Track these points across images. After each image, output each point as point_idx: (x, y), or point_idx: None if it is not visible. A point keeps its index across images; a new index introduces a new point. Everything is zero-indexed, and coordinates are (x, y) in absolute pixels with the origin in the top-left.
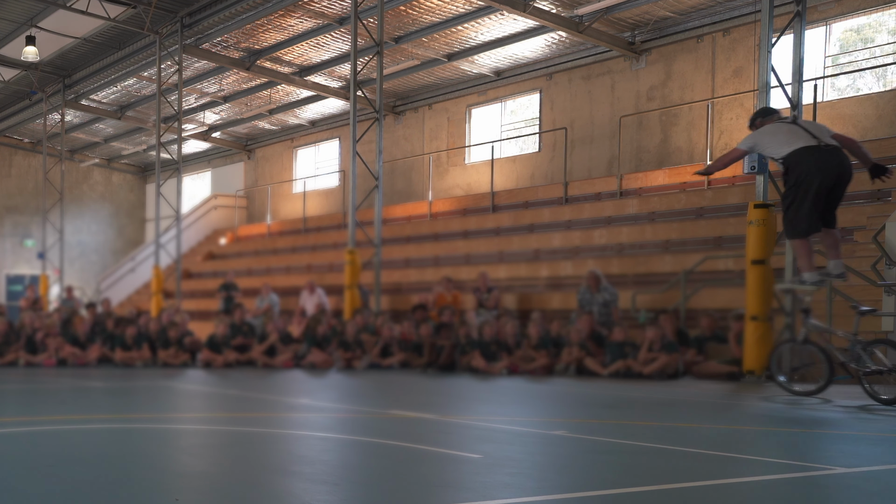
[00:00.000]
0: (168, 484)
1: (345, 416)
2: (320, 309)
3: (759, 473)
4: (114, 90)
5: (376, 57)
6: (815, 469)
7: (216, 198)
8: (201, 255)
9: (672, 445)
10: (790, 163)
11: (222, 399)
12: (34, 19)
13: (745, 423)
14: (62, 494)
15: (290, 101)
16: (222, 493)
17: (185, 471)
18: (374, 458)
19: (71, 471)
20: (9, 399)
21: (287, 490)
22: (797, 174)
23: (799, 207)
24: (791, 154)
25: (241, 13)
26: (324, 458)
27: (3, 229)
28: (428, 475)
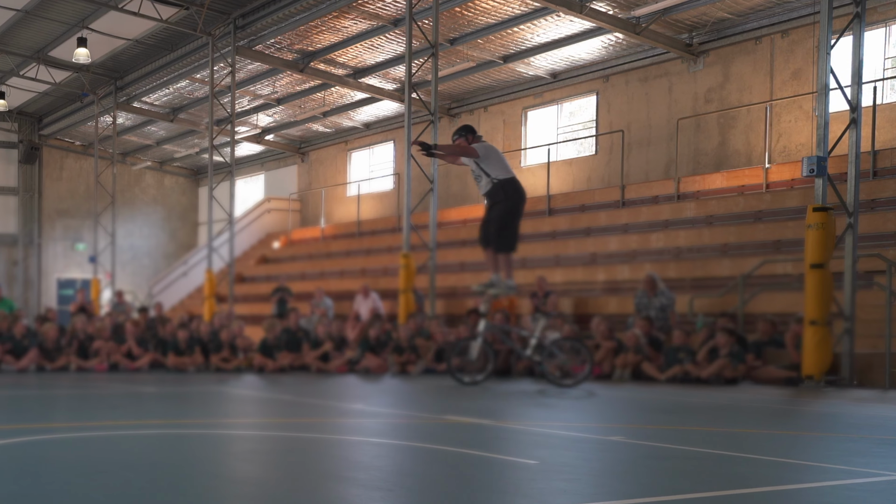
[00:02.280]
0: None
1: (399, 421)
2: (374, 313)
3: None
4: (166, 92)
5: (431, 59)
6: (876, 475)
7: (269, 201)
8: (254, 259)
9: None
10: (509, 187)
11: (275, 404)
12: (85, 21)
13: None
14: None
15: (345, 104)
16: (276, 499)
17: (238, 477)
18: (428, 464)
19: (122, 477)
20: (60, 404)
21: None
22: (516, 198)
23: (515, 226)
24: (512, 179)
25: (294, 14)
26: (378, 464)
27: (54, 233)
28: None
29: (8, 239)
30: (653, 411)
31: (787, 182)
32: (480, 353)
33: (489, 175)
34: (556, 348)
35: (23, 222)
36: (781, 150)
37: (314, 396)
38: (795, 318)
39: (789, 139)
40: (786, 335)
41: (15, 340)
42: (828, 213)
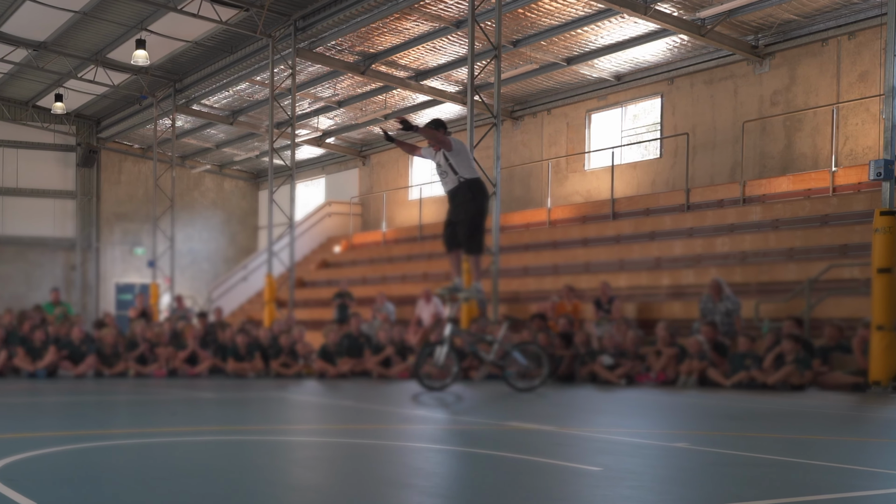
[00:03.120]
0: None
1: (461, 427)
2: (436, 318)
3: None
4: (226, 95)
5: (494, 61)
6: None
7: (330, 205)
8: (315, 264)
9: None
10: (475, 187)
11: (336, 410)
12: (144, 22)
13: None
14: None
15: (406, 106)
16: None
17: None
18: (490, 470)
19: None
20: (119, 410)
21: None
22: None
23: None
24: (478, 179)
25: (355, 16)
26: (439, 470)
27: (112, 237)
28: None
29: (66, 243)
30: (718, 418)
31: (854, 185)
32: (447, 359)
33: (456, 172)
34: (519, 353)
35: (81, 226)
36: (848, 154)
37: (375, 402)
38: (862, 323)
39: (856, 142)
40: (853, 340)
41: (73, 346)
42: (895, 217)
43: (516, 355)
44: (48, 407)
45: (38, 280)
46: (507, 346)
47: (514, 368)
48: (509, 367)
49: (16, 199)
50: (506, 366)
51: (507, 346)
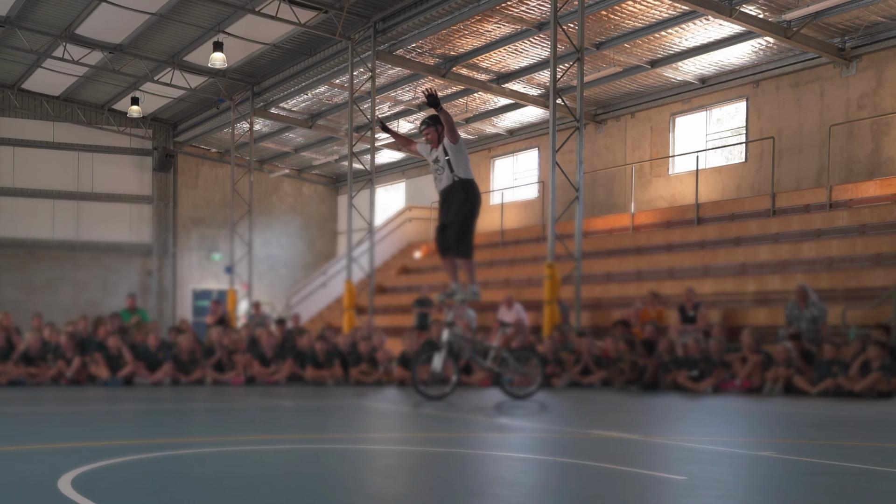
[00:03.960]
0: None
1: (544, 436)
2: (518, 325)
3: None
4: (304, 98)
5: (576, 63)
6: None
7: (411, 210)
8: (395, 269)
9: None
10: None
11: (416, 418)
12: (221, 25)
13: None
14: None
15: (487, 110)
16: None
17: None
18: (573, 479)
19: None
20: (196, 418)
21: None
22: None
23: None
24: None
25: (435, 18)
26: (522, 479)
27: (189, 242)
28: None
29: (142, 248)
30: (804, 426)
31: None
32: (445, 365)
33: (453, 170)
34: (515, 359)
35: (157, 231)
36: None
37: (456, 410)
38: None
39: None
40: None
41: (149, 353)
42: None
43: (512, 362)
44: (125, 415)
45: (113, 286)
46: (503, 353)
47: (510, 375)
48: (506, 373)
49: (91, 204)
50: (502, 372)
51: (503, 353)
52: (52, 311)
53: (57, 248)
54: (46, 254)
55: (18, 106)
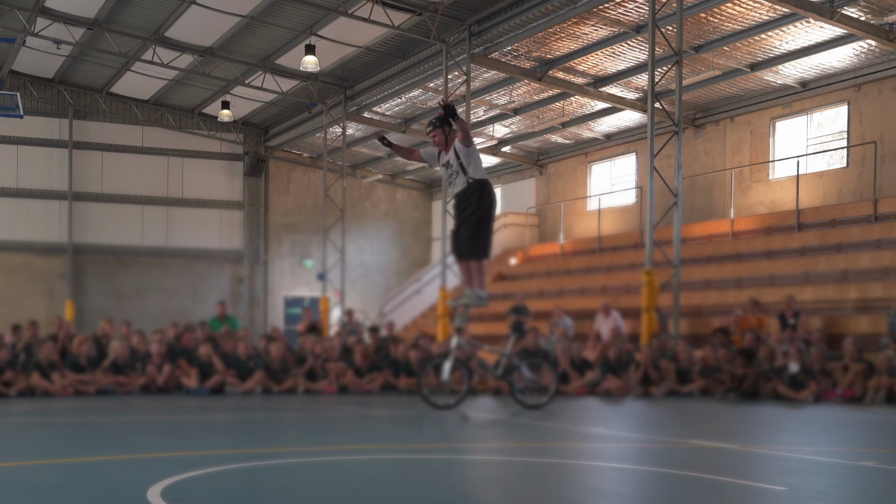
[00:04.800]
0: None
1: (642, 445)
2: (616, 333)
3: None
4: (398, 102)
5: (675, 67)
6: None
7: (506, 215)
8: (490, 276)
9: None
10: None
11: (513, 428)
12: (313, 27)
13: None
14: None
15: (584, 114)
16: None
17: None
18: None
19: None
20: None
21: None
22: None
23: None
24: (487, 182)
25: (531, 21)
26: (619, 490)
27: (281, 249)
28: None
29: (233, 255)
30: None
31: None
32: (454, 374)
33: (466, 173)
34: (526, 367)
35: (248, 238)
36: None
37: (553, 420)
38: None
39: None
40: None
41: (240, 362)
42: None
43: (524, 370)
44: (215, 424)
45: (204, 293)
46: (514, 360)
47: (521, 383)
48: (517, 382)
49: (181, 210)
50: (513, 381)
51: (514, 360)
52: (140, 319)
53: (146, 254)
54: (135, 261)
55: (107, 110)
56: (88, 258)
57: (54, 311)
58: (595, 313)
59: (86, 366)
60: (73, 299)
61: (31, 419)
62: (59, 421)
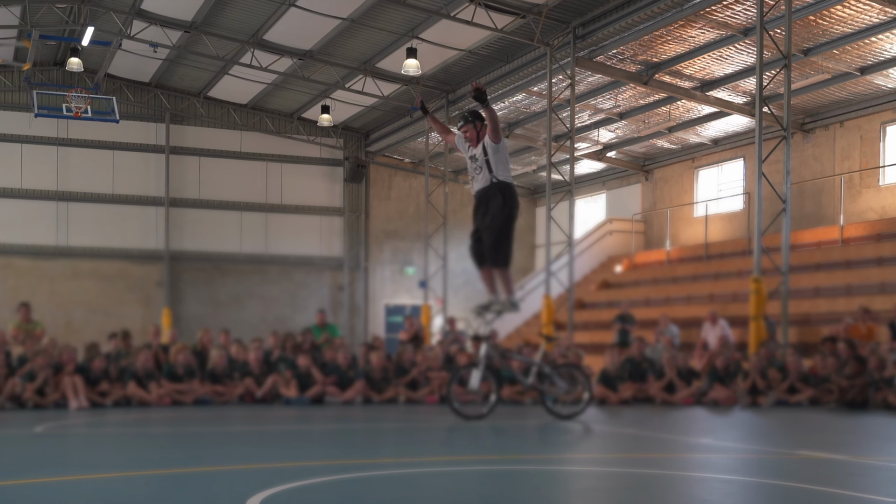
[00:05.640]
0: None
1: (749, 456)
2: (723, 342)
3: None
4: (501, 106)
5: (783, 70)
6: None
7: (611, 222)
8: (595, 284)
9: None
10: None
11: (617, 438)
12: (415, 30)
13: None
14: None
15: (691, 118)
16: None
17: None
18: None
19: None
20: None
21: None
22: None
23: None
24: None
25: (637, 23)
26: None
27: (381, 256)
28: None
29: (333, 262)
30: None
31: None
32: (483, 383)
33: (492, 171)
34: (557, 376)
35: (348, 244)
36: None
37: (659, 430)
38: None
39: None
40: None
41: (339, 371)
42: None
43: (556, 379)
44: (314, 435)
45: (303, 301)
46: (545, 369)
47: (553, 393)
48: (548, 391)
49: (280, 216)
50: (544, 390)
51: (545, 369)
52: (239, 328)
53: (244, 261)
54: (234, 268)
55: (205, 114)
56: (185, 265)
57: (151, 320)
58: (702, 322)
59: (183, 375)
60: (169, 307)
61: (127, 429)
62: (156, 431)
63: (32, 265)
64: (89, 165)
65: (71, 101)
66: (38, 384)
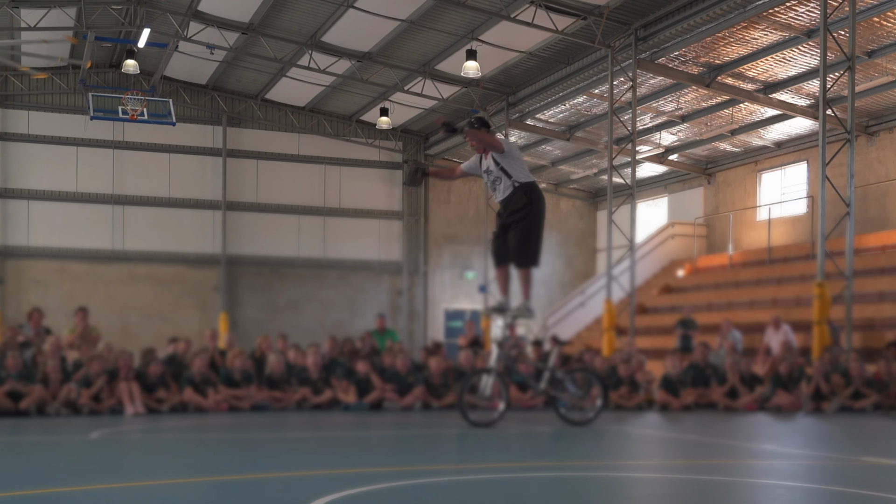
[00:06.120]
0: None
1: (813, 463)
2: (786, 347)
3: None
4: (561, 109)
5: (847, 72)
6: None
7: (673, 226)
8: (657, 289)
9: None
10: (532, 192)
11: (679, 445)
12: (475, 32)
13: None
14: None
15: (754, 121)
16: None
17: None
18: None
19: None
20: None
21: None
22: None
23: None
24: (534, 184)
25: (699, 25)
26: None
27: (441, 260)
28: None
29: (392, 267)
30: None
31: None
32: (494, 389)
33: (510, 176)
34: (571, 381)
35: (408, 249)
36: None
37: (721, 436)
38: None
39: None
40: None
41: (399, 376)
42: None
43: (568, 384)
44: (373, 441)
45: (361, 306)
46: (558, 374)
47: (566, 398)
48: (561, 396)
49: (338, 220)
50: (557, 395)
51: (558, 374)
52: (296, 333)
53: (302, 266)
54: (291, 272)
55: (262, 117)
56: (243, 270)
57: (207, 325)
58: (765, 326)
59: (240, 380)
60: (226, 312)
61: (183, 435)
62: (213, 437)
63: (88, 269)
64: (145, 169)
65: (127, 104)
66: (94, 390)
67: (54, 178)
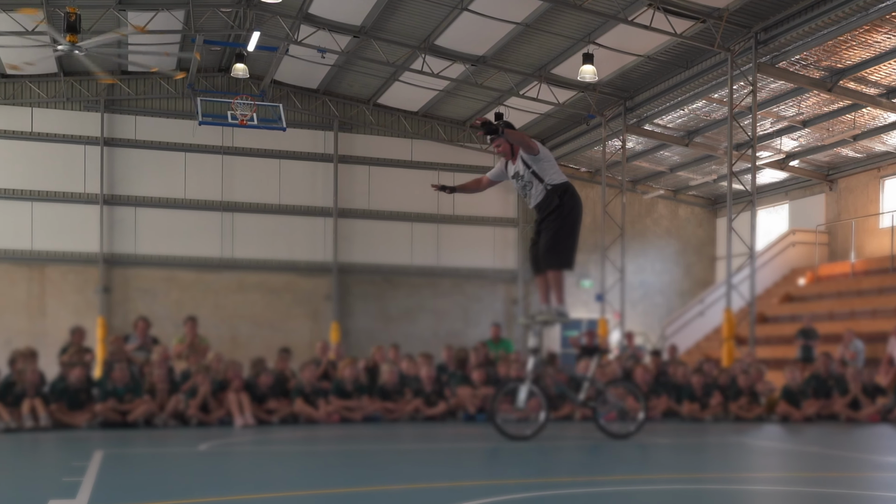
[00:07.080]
0: None
1: None
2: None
3: None
4: (680, 113)
5: None
6: None
7: (794, 233)
8: (777, 297)
9: None
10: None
11: (800, 457)
12: (591, 35)
13: None
14: None
15: (876, 126)
16: None
17: None
18: None
19: None
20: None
21: None
22: (573, 206)
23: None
24: (568, 184)
25: (821, 28)
26: None
27: None
28: None
29: (507, 275)
30: None
31: None
32: (531, 400)
33: (542, 180)
34: (611, 393)
35: (523, 257)
36: None
37: (843, 448)
38: None
39: None
40: None
41: None
42: None
43: (609, 396)
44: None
45: (476, 315)
46: (598, 385)
47: (606, 410)
48: (601, 408)
49: (453, 228)
50: (597, 407)
51: (598, 385)
52: (409, 342)
53: (416, 274)
54: (405, 281)
55: (374, 122)
56: (355, 278)
57: (319, 334)
58: (888, 336)
59: (352, 391)
60: (338, 321)
61: (294, 447)
62: (324, 449)
63: (197, 278)
64: (255, 175)
65: (236, 109)
66: (199, 401)
67: (161, 184)
